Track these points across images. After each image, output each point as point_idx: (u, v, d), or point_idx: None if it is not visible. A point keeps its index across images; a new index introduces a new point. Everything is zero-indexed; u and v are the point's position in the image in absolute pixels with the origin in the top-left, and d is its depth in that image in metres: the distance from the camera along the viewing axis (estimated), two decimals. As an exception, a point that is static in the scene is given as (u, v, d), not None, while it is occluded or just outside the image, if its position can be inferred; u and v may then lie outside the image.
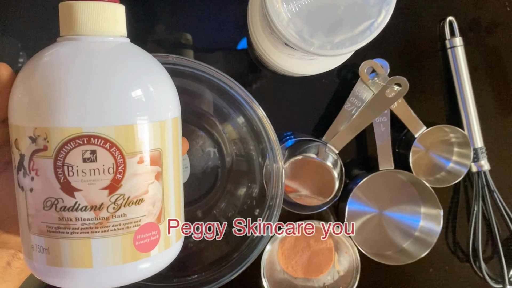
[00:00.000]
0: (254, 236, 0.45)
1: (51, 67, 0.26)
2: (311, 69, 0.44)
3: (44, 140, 0.25)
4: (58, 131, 0.25)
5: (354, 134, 0.51)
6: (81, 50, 0.26)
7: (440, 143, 0.55)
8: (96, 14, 0.27)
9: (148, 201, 0.27)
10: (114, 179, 0.26)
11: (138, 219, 0.27)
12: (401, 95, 0.49)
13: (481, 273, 0.55)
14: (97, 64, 0.26)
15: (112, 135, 0.25)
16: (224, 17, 0.51)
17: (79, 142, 0.25)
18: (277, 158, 0.42)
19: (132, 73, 0.26)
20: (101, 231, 0.26)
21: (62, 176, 0.25)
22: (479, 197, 0.54)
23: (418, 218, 0.55)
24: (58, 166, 0.25)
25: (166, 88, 0.29)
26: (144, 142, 0.26)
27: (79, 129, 0.25)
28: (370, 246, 0.54)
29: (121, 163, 0.26)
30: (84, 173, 0.25)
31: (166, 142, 0.28)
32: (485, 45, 0.54)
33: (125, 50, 0.28)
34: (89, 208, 0.26)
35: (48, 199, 0.26)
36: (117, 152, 0.25)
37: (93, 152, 0.25)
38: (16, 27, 0.49)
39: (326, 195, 0.50)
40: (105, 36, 0.27)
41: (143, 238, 0.27)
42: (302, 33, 0.34)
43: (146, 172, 0.27)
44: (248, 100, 0.41)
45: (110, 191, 0.26)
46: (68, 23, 0.27)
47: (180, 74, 0.41)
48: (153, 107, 0.27)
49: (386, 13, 0.34)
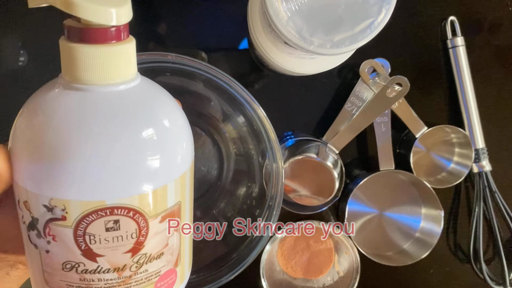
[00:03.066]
0: (253, 236, 0.44)
1: (63, 132, 0.22)
2: (311, 68, 0.44)
3: (62, 211, 0.23)
4: (78, 204, 0.23)
5: (354, 134, 0.51)
6: (92, 106, 0.23)
7: (441, 143, 0.54)
8: (103, 61, 0.23)
9: (167, 252, 0.27)
10: (137, 242, 0.25)
11: (159, 270, 0.26)
12: (402, 95, 0.49)
13: (482, 275, 0.55)
14: (114, 126, 0.23)
15: (136, 203, 0.24)
16: (225, 16, 0.51)
17: (101, 214, 0.23)
18: (277, 158, 0.42)
19: (151, 134, 0.24)
20: (124, 287, 0.25)
21: (83, 244, 0.24)
22: (480, 198, 0.54)
23: (419, 219, 0.55)
24: (79, 235, 0.24)
25: (184, 136, 0.26)
26: (167, 201, 0.25)
27: (102, 202, 0.23)
28: (370, 246, 0.54)
29: (144, 227, 0.25)
30: (106, 241, 0.24)
31: (185, 193, 0.27)
32: (486, 45, 0.54)
33: (137, 99, 0.24)
34: (111, 270, 0.25)
35: (68, 262, 0.24)
36: (140, 218, 0.24)
37: (116, 222, 0.24)
38: (16, 26, 0.49)
39: (326, 195, 0.50)
40: (115, 84, 0.23)
41: (163, 284, 0.27)
42: (301, 31, 0.34)
43: (166, 228, 0.26)
44: (248, 100, 0.41)
45: (133, 253, 0.25)
46: (70, 68, 0.23)
47: (180, 73, 0.41)
48: (175, 164, 0.25)
49: (386, 12, 0.34)
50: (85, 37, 0.22)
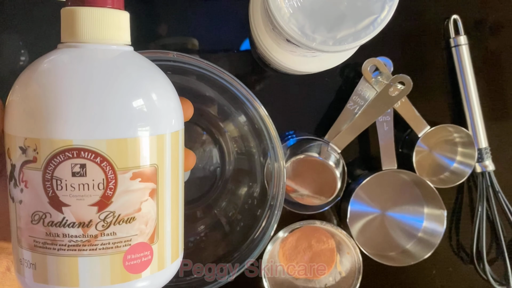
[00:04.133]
0: (255, 235, 0.44)
1: (46, 75, 0.25)
2: (313, 66, 0.44)
3: (33, 151, 0.24)
4: (47, 142, 0.24)
5: (356, 133, 0.50)
6: (81, 58, 0.25)
7: (444, 143, 0.54)
8: (100, 21, 0.26)
9: (140, 219, 0.26)
10: (104, 196, 0.24)
11: (129, 239, 0.25)
12: (404, 94, 0.49)
13: (485, 275, 0.55)
14: (92, 73, 0.25)
15: (103, 149, 0.24)
16: (226, 15, 0.51)
17: (68, 155, 0.24)
18: (279, 157, 0.42)
19: (129, 84, 0.25)
20: (89, 249, 0.25)
21: (50, 190, 0.24)
22: (483, 197, 0.54)
23: (421, 218, 0.55)
24: (47, 179, 0.24)
25: (167, 100, 0.27)
26: (138, 157, 0.25)
27: (69, 141, 0.24)
28: (372, 247, 0.54)
29: (112, 179, 0.24)
30: (72, 187, 0.24)
31: (164, 158, 0.27)
32: (490, 44, 0.53)
33: (126, 59, 0.26)
34: (77, 225, 0.24)
35: (36, 213, 0.25)
36: (108, 167, 0.24)
37: (82, 166, 0.24)
38: (17, 25, 0.49)
39: (328, 195, 0.50)
40: (107, 44, 0.26)
41: (134, 258, 0.26)
42: (304, 28, 0.34)
43: (139, 189, 0.25)
44: (249, 99, 0.41)
45: (100, 208, 0.24)
46: (70, 30, 0.26)
47: (181, 72, 0.41)
48: (150, 120, 0.25)
49: (389, 9, 0.34)
50: (85, 1, 0.25)
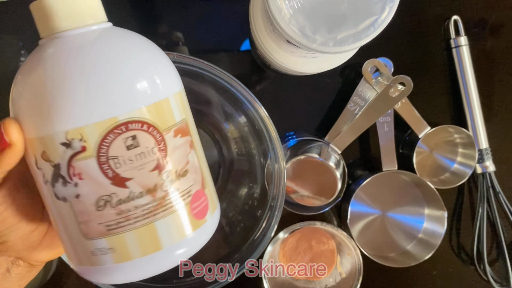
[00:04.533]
0: (255, 237, 0.44)
1: (54, 68, 0.25)
2: (313, 67, 0.44)
3: (80, 141, 0.24)
4: (93, 127, 0.24)
5: (357, 134, 0.50)
6: (75, 45, 0.25)
7: (444, 143, 0.54)
8: (70, 6, 0.26)
9: (191, 170, 0.28)
10: (159, 158, 0.26)
11: (189, 190, 0.27)
12: (405, 95, 0.49)
13: (485, 276, 0.55)
14: (97, 53, 0.25)
15: (146, 116, 0.25)
16: (227, 16, 0.51)
17: (117, 132, 0.24)
18: (279, 158, 0.42)
19: (136, 53, 0.26)
20: (162, 211, 0.26)
21: (109, 171, 0.24)
22: (484, 198, 0.54)
23: (422, 219, 0.55)
24: (103, 162, 0.24)
25: (168, 61, 0.29)
26: (173, 115, 0.27)
27: (114, 119, 0.24)
28: (373, 248, 0.53)
29: (161, 141, 0.26)
30: (131, 160, 0.25)
31: (187, 111, 0.29)
32: (490, 45, 0.53)
33: (117, 34, 0.27)
34: (145, 193, 0.25)
35: (101, 198, 0.25)
36: (155, 131, 0.25)
37: (133, 137, 0.25)
38: (17, 25, 0.49)
39: (329, 196, 0.50)
40: (89, 25, 0.26)
41: (197, 206, 0.28)
42: (304, 29, 0.34)
43: (182, 144, 0.27)
44: (250, 99, 0.41)
45: (159, 170, 0.26)
46: (44, 22, 0.26)
47: (181, 73, 0.41)
48: (169, 80, 0.27)
49: (390, 10, 0.34)
50: None
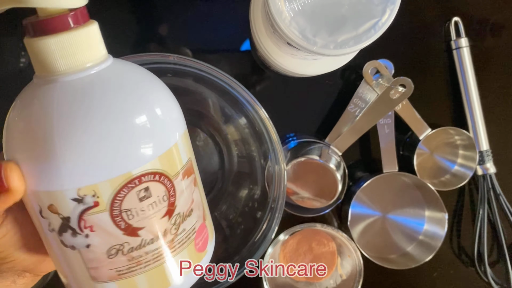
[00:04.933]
0: (256, 239, 0.44)
1: (61, 119, 0.23)
2: (314, 69, 0.44)
3: (93, 197, 0.23)
4: (107, 183, 0.23)
5: (357, 136, 0.50)
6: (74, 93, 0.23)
7: (445, 145, 0.54)
8: (67, 48, 0.23)
9: (195, 208, 0.28)
10: (170, 204, 0.26)
11: (194, 227, 0.28)
12: (405, 97, 0.49)
13: (486, 278, 0.54)
14: (104, 104, 0.23)
15: (158, 166, 0.25)
16: (227, 18, 0.51)
17: (131, 186, 0.24)
18: (279, 160, 0.42)
19: (144, 100, 0.25)
20: (170, 252, 0.26)
21: (122, 223, 0.24)
22: (485, 200, 0.54)
23: (422, 221, 0.55)
24: (116, 215, 0.24)
25: (173, 99, 0.28)
26: (181, 158, 0.27)
27: (128, 174, 0.24)
28: (373, 249, 0.53)
29: (171, 187, 0.26)
30: (143, 211, 0.25)
31: (191, 149, 0.29)
32: (491, 46, 0.53)
33: (118, 74, 0.25)
34: (155, 239, 0.26)
35: (112, 248, 0.25)
36: (166, 180, 0.25)
37: (146, 189, 0.24)
38: (18, 27, 0.49)
39: (329, 198, 0.50)
40: (86, 68, 0.24)
41: (200, 240, 0.29)
42: (305, 32, 0.34)
43: (188, 184, 0.28)
44: (250, 101, 0.41)
45: (169, 216, 0.26)
46: (39, 62, 0.23)
47: (181, 74, 0.41)
48: (177, 122, 0.27)
49: (390, 12, 0.34)
50: (44, 28, 0.23)
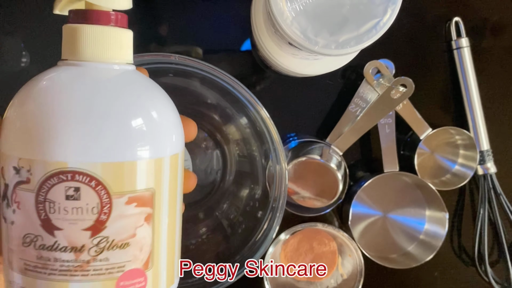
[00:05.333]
0: (257, 238, 0.44)
1: (43, 94, 0.24)
2: (315, 69, 0.44)
3: (27, 172, 0.23)
4: (41, 164, 0.23)
5: (358, 135, 0.50)
6: (79, 77, 0.24)
7: (445, 145, 0.54)
8: (102, 40, 0.25)
9: (135, 245, 0.25)
10: (98, 220, 0.24)
11: (122, 265, 0.25)
12: (406, 96, 0.49)
13: (487, 278, 0.55)
14: (90, 94, 0.24)
15: (98, 172, 0.23)
16: (228, 17, 0.51)
17: (62, 178, 0.23)
18: (280, 160, 0.42)
19: (127, 106, 0.24)
20: (81, 274, 0.24)
21: (43, 212, 0.23)
22: (485, 200, 0.54)
23: (423, 221, 0.55)
24: (40, 201, 0.23)
25: (167, 123, 0.26)
26: (135, 181, 0.24)
27: (64, 163, 0.23)
28: (374, 249, 0.53)
29: (107, 203, 0.24)
30: (66, 211, 0.23)
31: (161, 181, 0.26)
32: (491, 46, 0.53)
33: (126, 79, 0.26)
34: (69, 249, 0.24)
35: (28, 235, 0.24)
36: (103, 191, 0.23)
37: (77, 189, 0.23)
38: (19, 26, 0.49)
39: (330, 197, 0.50)
40: (109, 63, 0.25)
41: (127, 285, 0.25)
42: (306, 32, 0.34)
43: (134, 214, 0.24)
44: (251, 101, 0.41)
45: (93, 233, 0.24)
46: (71, 47, 0.25)
47: (183, 74, 0.41)
48: (148, 143, 0.25)
49: (392, 12, 0.34)
50: (88, 18, 0.25)
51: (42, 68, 0.51)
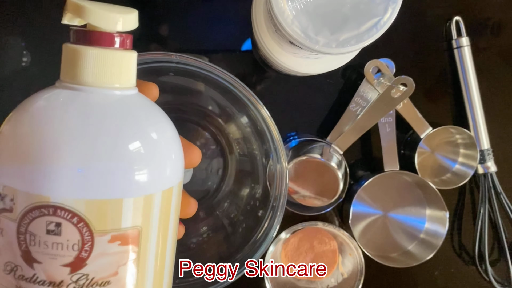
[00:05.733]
0: (257, 237, 0.44)
1: (33, 120, 0.23)
2: (315, 68, 0.44)
3: (11, 201, 0.23)
4: (24, 195, 0.22)
5: (359, 134, 0.50)
6: (73, 103, 0.23)
7: (446, 144, 0.54)
8: (103, 64, 0.24)
9: (116, 283, 0.24)
10: (78, 257, 0.23)
11: None
12: (406, 95, 0.49)
13: (487, 277, 0.55)
14: (80, 123, 0.23)
15: (81, 209, 0.22)
16: (228, 17, 0.51)
17: (44, 211, 0.22)
18: (281, 159, 0.42)
19: (117, 138, 0.23)
20: None
21: (23, 243, 0.23)
22: (485, 199, 0.54)
23: (423, 220, 0.55)
24: (21, 232, 0.23)
25: (160, 155, 0.25)
26: (120, 219, 0.23)
27: (46, 197, 0.22)
28: (374, 248, 0.54)
29: (89, 241, 0.23)
30: (46, 245, 0.22)
31: (150, 219, 0.24)
32: (492, 45, 0.53)
33: (123, 107, 0.24)
34: (47, 283, 0.23)
35: (8, 263, 0.23)
36: (85, 229, 0.22)
37: (58, 225, 0.22)
38: (19, 26, 0.49)
39: (330, 196, 0.50)
40: (108, 88, 0.24)
41: None
42: (307, 30, 0.34)
43: (117, 252, 0.23)
44: (252, 100, 0.41)
45: (73, 269, 0.23)
46: (69, 69, 0.24)
47: (183, 73, 0.41)
48: (137, 179, 0.23)
49: (392, 11, 0.34)
50: (89, 40, 0.24)
51: (42, 67, 0.51)
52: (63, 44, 0.24)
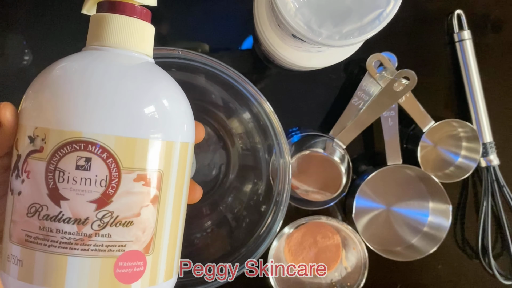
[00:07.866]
0: (261, 232, 0.44)
1: (65, 69, 0.25)
2: (318, 62, 0.44)
3: (42, 141, 0.24)
4: (57, 132, 0.24)
5: (361, 128, 0.50)
6: (103, 58, 0.26)
7: (448, 137, 0.54)
8: (126, 28, 0.27)
9: (138, 225, 0.25)
10: (105, 193, 0.24)
11: (124, 244, 0.24)
12: (409, 89, 0.49)
13: (490, 270, 0.55)
14: (112, 73, 0.25)
15: (111, 145, 0.24)
16: (230, 12, 0.51)
17: (75, 147, 0.23)
18: (284, 153, 0.42)
19: (145, 89, 0.25)
20: (81, 249, 0.24)
21: (52, 181, 0.24)
22: (488, 192, 0.54)
23: (427, 213, 0.55)
24: (50, 170, 0.24)
25: (180, 111, 0.27)
26: (145, 159, 0.25)
27: (78, 133, 0.23)
28: (378, 242, 0.54)
29: (116, 177, 0.24)
30: (74, 181, 0.24)
31: (171, 165, 0.26)
32: (493, 38, 0.53)
33: (147, 67, 0.27)
34: (72, 221, 0.24)
35: (33, 205, 0.24)
36: (113, 164, 0.24)
37: (88, 160, 0.24)
38: (21, 24, 0.49)
39: (333, 191, 0.50)
40: (131, 51, 0.27)
41: (126, 266, 0.25)
42: (310, 23, 0.34)
43: (141, 193, 0.25)
44: (255, 95, 0.41)
45: (98, 206, 0.24)
46: (96, 34, 0.27)
47: (186, 68, 0.41)
48: (162, 125, 0.25)
49: (395, 3, 0.34)
50: (115, 8, 0.27)
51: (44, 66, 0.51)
52: (91, 16, 0.27)
